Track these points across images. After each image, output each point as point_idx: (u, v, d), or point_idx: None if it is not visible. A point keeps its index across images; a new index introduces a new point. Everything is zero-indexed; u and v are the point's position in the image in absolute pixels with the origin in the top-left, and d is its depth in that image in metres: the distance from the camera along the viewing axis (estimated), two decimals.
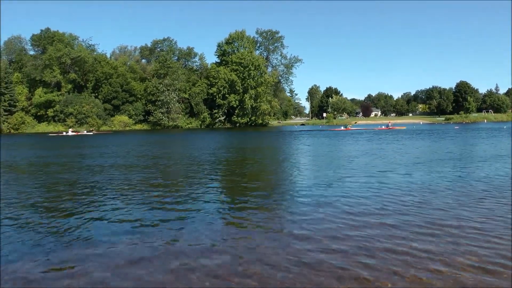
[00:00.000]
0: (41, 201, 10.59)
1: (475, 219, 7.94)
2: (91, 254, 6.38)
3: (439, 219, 7.96)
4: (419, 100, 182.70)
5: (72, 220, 8.54)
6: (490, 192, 10.60)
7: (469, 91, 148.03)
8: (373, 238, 6.84)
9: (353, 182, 12.55)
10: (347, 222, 7.94)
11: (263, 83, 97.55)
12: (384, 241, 6.68)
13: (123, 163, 19.84)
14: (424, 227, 7.47)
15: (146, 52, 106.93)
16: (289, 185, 12.72)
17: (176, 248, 6.59)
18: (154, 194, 11.33)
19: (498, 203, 9.26)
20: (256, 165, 18.99)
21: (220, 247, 6.61)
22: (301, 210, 9.05)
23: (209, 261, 5.99)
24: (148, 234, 7.40)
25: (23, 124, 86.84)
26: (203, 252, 6.39)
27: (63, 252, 6.52)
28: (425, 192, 10.71)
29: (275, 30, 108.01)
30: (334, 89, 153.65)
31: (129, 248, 6.63)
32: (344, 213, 8.67)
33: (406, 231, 7.25)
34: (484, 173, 13.91)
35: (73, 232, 7.68)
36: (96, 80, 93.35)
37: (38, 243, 6.99)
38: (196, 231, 7.57)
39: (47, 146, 36.50)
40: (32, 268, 5.88)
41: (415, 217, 8.21)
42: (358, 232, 7.24)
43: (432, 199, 9.82)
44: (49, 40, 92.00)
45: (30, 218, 8.75)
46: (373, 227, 7.49)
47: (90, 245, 6.84)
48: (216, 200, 10.41)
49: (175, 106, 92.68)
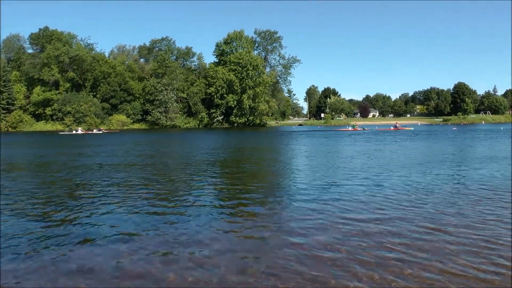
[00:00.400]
0: (62, 198, 10.64)
1: (474, 221, 7.98)
2: (90, 254, 6.43)
3: (437, 222, 8.02)
4: (417, 101, 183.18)
5: (74, 219, 8.58)
6: (488, 193, 10.67)
7: (467, 93, 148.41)
8: (369, 243, 6.78)
9: (354, 183, 12.62)
10: (343, 226, 7.95)
11: (261, 83, 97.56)
12: (380, 247, 6.69)
13: (141, 161, 19.89)
14: (422, 228, 7.53)
15: (144, 52, 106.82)
16: (291, 187, 12.75)
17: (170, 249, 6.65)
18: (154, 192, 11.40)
19: (497, 205, 9.29)
20: (256, 166, 19.03)
21: (213, 254, 6.64)
22: (298, 212, 9.11)
23: (203, 268, 6.03)
24: (147, 237, 7.43)
25: (21, 122, 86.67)
26: (195, 256, 6.43)
27: (64, 252, 6.55)
28: (422, 194, 10.76)
29: (273, 31, 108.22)
30: (332, 90, 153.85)
31: (129, 249, 6.67)
32: (341, 217, 8.66)
33: (404, 235, 7.29)
34: (486, 174, 14.01)
35: (73, 231, 7.72)
36: (94, 79, 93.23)
37: (40, 242, 7.02)
38: (189, 233, 7.62)
39: (63, 145, 36.62)
40: (32, 268, 5.91)
41: (413, 218, 8.27)
42: (355, 237, 7.29)
43: (429, 201, 9.88)
44: (48, 38, 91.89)
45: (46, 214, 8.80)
46: (370, 232, 7.44)
47: (90, 245, 6.89)
48: (213, 202, 10.43)
49: (173, 105, 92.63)
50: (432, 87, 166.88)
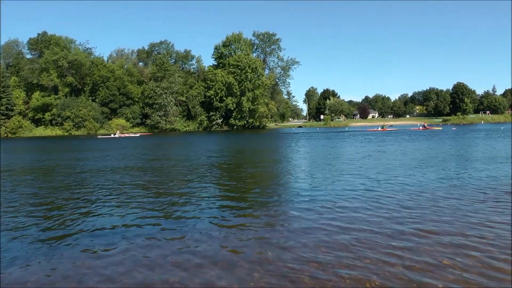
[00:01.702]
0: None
1: (475, 224, 7.94)
2: (92, 257, 6.41)
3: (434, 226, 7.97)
4: (416, 102, 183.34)
5: (79, 221, 8.55)
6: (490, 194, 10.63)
7: (466, 93, 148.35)
8: (368, 248, 6.66)
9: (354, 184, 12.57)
10: (341, 232, 7.89)
11: (261, 86, 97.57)
12: (381, 250, 6.66)
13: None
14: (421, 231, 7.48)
15: (143, 55, 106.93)
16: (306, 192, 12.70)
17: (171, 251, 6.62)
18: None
19: (498, 207, 9.23)
20: (267, 169, 18.99)
21: (215, 255, 6.60)
22: (300, 214, 9.06)
23: (207, 271, 5.99)
24: (152, 241, 7.40)
25: (21, 128, 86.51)
26: (195, 263, 6.39)
27: (66, 253, 6.53)
28: (422, 195, 10.74)
29: (272, 33, 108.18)
30: (332, 91, 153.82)
31: (130, 251, 6.66)
32: (341, 222, 8.59)
33: (401, 239, 7.25)
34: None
35: (77, 233, 7.71)
36: (93, 83, 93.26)
37: (45, 242, 7.01)
38: (190, 237, 7.59)
39: (116, 147, 36.86)
40: (32, 269, 5.93)
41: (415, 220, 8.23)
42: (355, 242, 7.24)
43: (431, 204, 9.83)
44: (46, 43, 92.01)
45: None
46: (370, 236, 7.33)
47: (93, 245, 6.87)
48: (215, 205, 10.38)
49: (172, 109, 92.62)
50: (431, 87, 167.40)
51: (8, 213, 9.65)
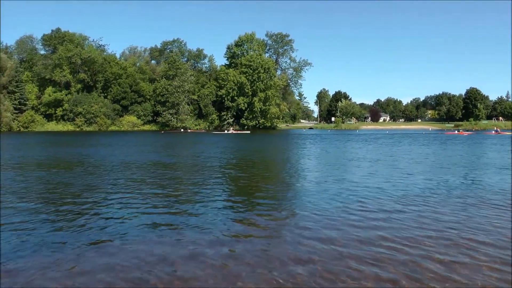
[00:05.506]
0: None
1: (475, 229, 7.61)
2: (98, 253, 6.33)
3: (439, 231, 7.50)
4: (428, 106, 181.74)
5: (85, 218, 8.23)
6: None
7: (479, 98, 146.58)
8: (379, 252, 6.32)
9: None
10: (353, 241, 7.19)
11: (272, 86, 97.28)
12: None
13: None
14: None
15: (155, 53, 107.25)
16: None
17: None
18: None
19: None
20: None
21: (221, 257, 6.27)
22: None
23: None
24: (161, 237, 7.22)
25: (33, 122, 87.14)
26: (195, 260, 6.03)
27: (67, 253, 6.34)
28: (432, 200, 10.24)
29: (284, 33, 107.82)
30: (343, 93, 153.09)
31: (133, 248, 6.52)
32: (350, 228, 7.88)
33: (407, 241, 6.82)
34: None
35: (84, 228, 7.53)
36: (105, 80, 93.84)
37: (54, 240, 6.77)
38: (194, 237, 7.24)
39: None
40: (32, 268, 5.72)
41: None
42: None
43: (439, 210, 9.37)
44: (60, 40, 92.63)
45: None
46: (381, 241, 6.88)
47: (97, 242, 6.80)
48: (225, 206, 9.94)
49: (184, 107, 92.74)
50: (444, 92, 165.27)
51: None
